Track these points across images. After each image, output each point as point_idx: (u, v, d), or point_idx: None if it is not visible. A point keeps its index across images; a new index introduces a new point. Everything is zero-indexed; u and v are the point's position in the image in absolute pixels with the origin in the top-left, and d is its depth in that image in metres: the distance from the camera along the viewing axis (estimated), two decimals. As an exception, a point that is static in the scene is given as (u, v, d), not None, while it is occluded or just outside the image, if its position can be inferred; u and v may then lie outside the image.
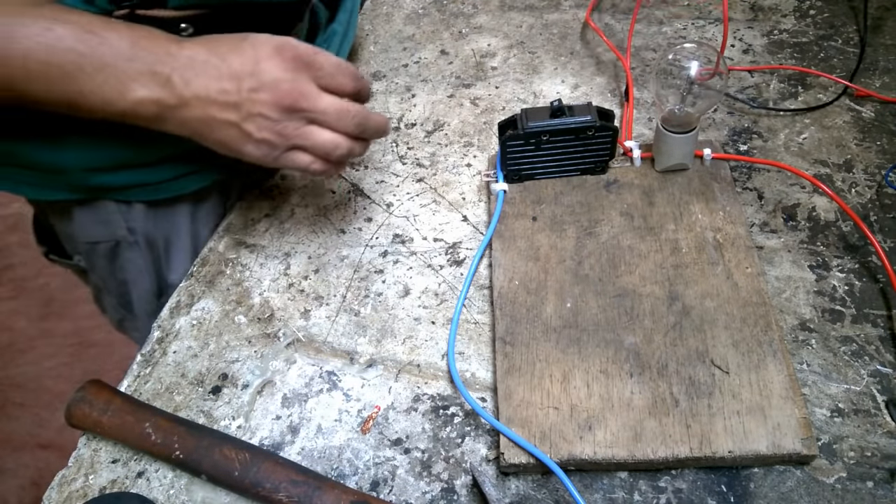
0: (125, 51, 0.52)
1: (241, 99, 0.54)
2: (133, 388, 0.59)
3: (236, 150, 0.57)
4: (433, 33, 0.91)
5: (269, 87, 0.54)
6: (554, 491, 0.49)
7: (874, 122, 0.70)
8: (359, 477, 0.52)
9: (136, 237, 0.72)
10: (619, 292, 0.57)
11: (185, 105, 0.54)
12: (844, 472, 0.48)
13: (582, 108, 0.62)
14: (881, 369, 0.53)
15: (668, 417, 0.49)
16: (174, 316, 0.64)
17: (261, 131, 0.55)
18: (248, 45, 0.55)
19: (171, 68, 0.53)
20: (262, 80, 0.54)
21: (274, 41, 0.55)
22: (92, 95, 0.52)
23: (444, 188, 0.71)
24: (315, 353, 0.60)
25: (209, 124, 0.55)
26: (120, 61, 0.52)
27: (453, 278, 0.63)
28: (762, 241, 0.62)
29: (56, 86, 0.52)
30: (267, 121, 0.54)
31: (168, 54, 0.53)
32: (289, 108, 0.54)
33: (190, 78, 0.53)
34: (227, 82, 0.54)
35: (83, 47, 0.51)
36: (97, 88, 0.52)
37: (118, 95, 0.52)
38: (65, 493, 0.53)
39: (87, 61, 0.51)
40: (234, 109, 0.54)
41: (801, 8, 0.85)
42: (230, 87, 0.53)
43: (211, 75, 0.53)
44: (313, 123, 0.56)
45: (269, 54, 0.54)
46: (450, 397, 0.56)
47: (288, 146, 0.56)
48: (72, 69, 0.51)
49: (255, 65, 0.54)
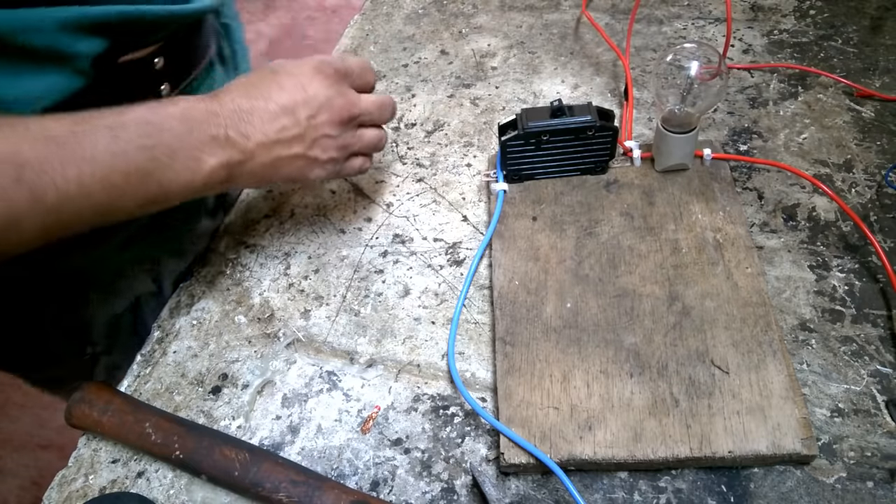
0: (180, 128, 0.50)
1: (303, 129, 0.54)
2: (133, 388, 0.59)
3: (303, 178, 0.58)
4: (433, 33, 0.91)
5: (326, 108, 0.55)
6: (554, 491, 0.49)
7: (874, 122, 0.70)
8: (359, 477, 0.52)
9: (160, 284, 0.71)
10: (619, 292, 0.57)
11: (252, 157, 0.53)
12: (844, 472, 0.48)
13: (582, 108, 0.62)
14: (881, 369, 0.53)
15: (668, 417, 0.49)
16: (174, 316, 0.64)
17: (326, 151, 0.57)
18: (285, 77, 0.55)
19: (225, 127, 0.52)
20: (315, 104, 0.54)
21: (310, 63, 0.56)
22: (171, 184, 0.50)
23: (444, 188, 0.71)
24: (315, 353, 0.60)
25: (276, 166, 0.55)
26: (184, 140, 0.50)
27: (453, 278, 0.63)
28: (762, 241, 0.62)
29: (139, 189, 0.48)
30: (330, 139, 0.56)
31: (214, 115, 0.51)
32: (346, 121, 0.57)
33: (246, 129, 0.52)
34: (284, 119, 0.54)
35: (149, 141, 0.48)
36: (175, 176, 0.50)
37: (193, 174, 0.50)
38: (65, 493, 0.53)
39: (158, 152, 0.48)
40: (299, 141, 0.55)
41: (801, 8, 0.85)
42: (288, 123, 0.54)
43: (264, 119, 0.53)
44: (362, 126, 0.59)
45: (311, 77, 0.55)
46: (450, 397, 0.56)
47: (348, 155, 0.59)
48: (150, 166, 0.48)
49: (304, 92, 0.54)
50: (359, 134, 0.59)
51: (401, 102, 0.82)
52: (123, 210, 0.49)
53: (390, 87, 0.84)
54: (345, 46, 0.91)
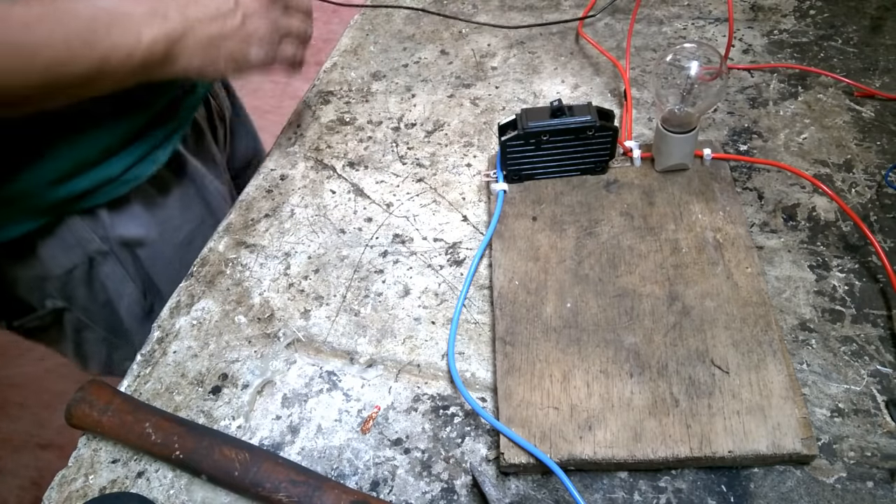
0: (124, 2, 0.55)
1: (235, 4, 0.60)
2: (133, 388, 0.59)
3: (244, 58, 0.62)
4: (433, 33, 0.91)
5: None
6: (554, 491, 0.49)
7: (874, 122, 0.70)
8: (359, 477, 0.52)
9: (110, 244, 0.73)
10: (619, 292, 0.57)
11: (191, 30, 0.57)
12: (844, 472, 0.48)
13: (582, 108, 0.62)
14: (881, 369, 0.53)
15: (668, 417, 0.49)
16: (174, 316, 0.64)
17: (259, 29, 0.62)
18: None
19: (166, 5, 0.56)
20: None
21: None
22: (112, 55, 0.54)
23: (444, 188, 0.71)
24: (315, 353, 0.60)
25: (215, 43, 0.59)
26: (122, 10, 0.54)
27: (453, 278, 0.63)
28: (762, 241, 0.62)
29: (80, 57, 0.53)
30: (261, 18, 0.62)
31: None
32: None
33: (185, 5, 0.57)
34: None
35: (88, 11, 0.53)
36: (114, 46, 0.54)
37: (132, 46, 0.55)
38: (65, 493, 0.53)
39: (97, 23, 0.53)
40: (233, 16, 0.60)
41: (801, 8, 0.85)
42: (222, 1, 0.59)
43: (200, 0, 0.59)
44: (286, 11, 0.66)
45: None
46: (450, 397, 0.56)
47: (279, 36, 0.65)
48: (89, 36, 0.53)
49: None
50: (286, 16, 0.65)
51: (401, 102, 0.82)
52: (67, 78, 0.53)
53: (390, 86, 0.84)
54: (345, 46, 0.91)
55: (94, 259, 0.73)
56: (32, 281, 0.73)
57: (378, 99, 0.83)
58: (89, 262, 0.73)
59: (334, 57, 0.90)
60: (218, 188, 0.82)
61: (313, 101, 0.84)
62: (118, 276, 0.75)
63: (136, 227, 0.74)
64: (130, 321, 0.79)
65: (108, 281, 0.75)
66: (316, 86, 0.86)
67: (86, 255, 0.72)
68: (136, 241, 0.75)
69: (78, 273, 0.73)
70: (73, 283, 0.74)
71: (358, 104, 0.83)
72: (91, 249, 0.72)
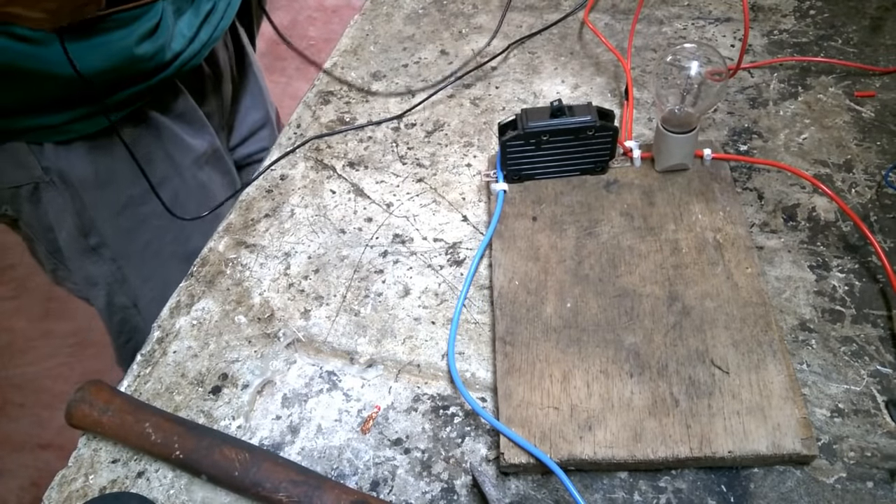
0: None
1: None
2: (133, 388, 0.59)
3: None
4: (433, 33, 0.91)
5: None
6: (554, 491, 0.49)
7: (874, 122, 0.70)
8: (359, 477, 0.52)
9: (52, 176, 0.74)
10: (619, 292, 0.57)
11: None
12: (844, 472, 0.48)
13: (582, 108, 0.62)
14: (881, 369, 0.53)
15: (668, 417, 0.49)
16: (174, 316, 0.64)
17: None
18: None
19: None
20: None
21: None
22: None
23: (444, 188, 0.71)
24: (315, 353, 0.60)
25: None
26: None
27: (453, 278, 0.64)
28: (762, 241, 0.62)
29: None
30: None
31: None
32: None
33: None
34: None
35: None
36: None
37: None
38: (65, 493, 0.53)
39: None
40: None
41: (801, 8, 0.85)
42: None
43: None
44: None
45: None
46: (450, 397, 0.56)
47: None
48: None
49: None
50: None
51: (401, 102, 0.82)
52: None
53: (390, 86, 0.84)
54: (345, 46, 0.91)
55: (39, 185, 0.75)
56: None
57: (378, 99, 0.83)
58: (35, 186, 0.75)
59: (334, 57, 0.90)
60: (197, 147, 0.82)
61: (313, 101, 0.84)
62: (58, 206, 0.77)
63: (80, 168, 0.75)
64: (70, 252, 0.81)
65: (50, 208, 0.77)
66: (316, 86, 0.86)
67: (31, 179, 0.74)
68: (78, 180, 0.76)
69: (24, 192, 0.76)
70: (19, 199, 0.77)
71: (358, 104, 0.83)
72: (34, 175, 0.74)
